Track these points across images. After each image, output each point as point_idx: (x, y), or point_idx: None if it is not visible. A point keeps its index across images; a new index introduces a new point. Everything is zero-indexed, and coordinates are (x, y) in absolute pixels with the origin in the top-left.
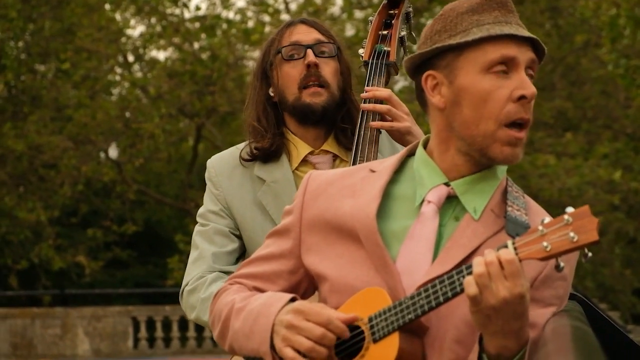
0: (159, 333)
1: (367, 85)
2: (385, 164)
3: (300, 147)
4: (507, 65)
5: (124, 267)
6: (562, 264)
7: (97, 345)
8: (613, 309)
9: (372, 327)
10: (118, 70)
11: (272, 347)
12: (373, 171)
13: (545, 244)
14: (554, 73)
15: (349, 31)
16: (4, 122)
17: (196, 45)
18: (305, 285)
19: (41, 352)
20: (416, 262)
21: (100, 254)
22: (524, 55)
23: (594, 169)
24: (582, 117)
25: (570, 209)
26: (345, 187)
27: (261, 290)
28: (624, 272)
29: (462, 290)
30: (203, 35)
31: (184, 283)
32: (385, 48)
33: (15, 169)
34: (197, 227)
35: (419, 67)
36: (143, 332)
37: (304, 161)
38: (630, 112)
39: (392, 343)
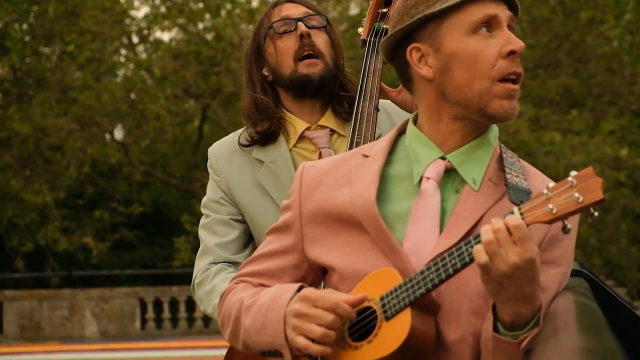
0: (166, 314)
1: (365, 63)
2: (377, 147)
3: (297, 124)
4: (490, 24)
5: (131, 249)
6: (569, 226)
7: (104, 326)
8: (619, 286)
9: (383, 305)
10: (123, 51)
11: (286, 338)
12: (366, 156)
13: (551, 206)
14: (560, 50)
15: (353, 10)
16: (10, 104)
17: (200, 25)
18: (310, 279)
19: (49, 333)
20: (424, 241)
21: (107, 235)
22: (503, 12)
23: (599, 145)
24: (588, 94)
25: (574, 172)
26: (341, 176)
27: (267, 287)
28: (630, 248)
29: (471, 261)
30: (207, 16)
31: (193, 276)
32: (384, 26)
33: (21, 152)
34: (201, 220)
35: (398, 44)
36: (150, 313)
37: (302, 137)
38: (636, 89)
39: (405, 319)
